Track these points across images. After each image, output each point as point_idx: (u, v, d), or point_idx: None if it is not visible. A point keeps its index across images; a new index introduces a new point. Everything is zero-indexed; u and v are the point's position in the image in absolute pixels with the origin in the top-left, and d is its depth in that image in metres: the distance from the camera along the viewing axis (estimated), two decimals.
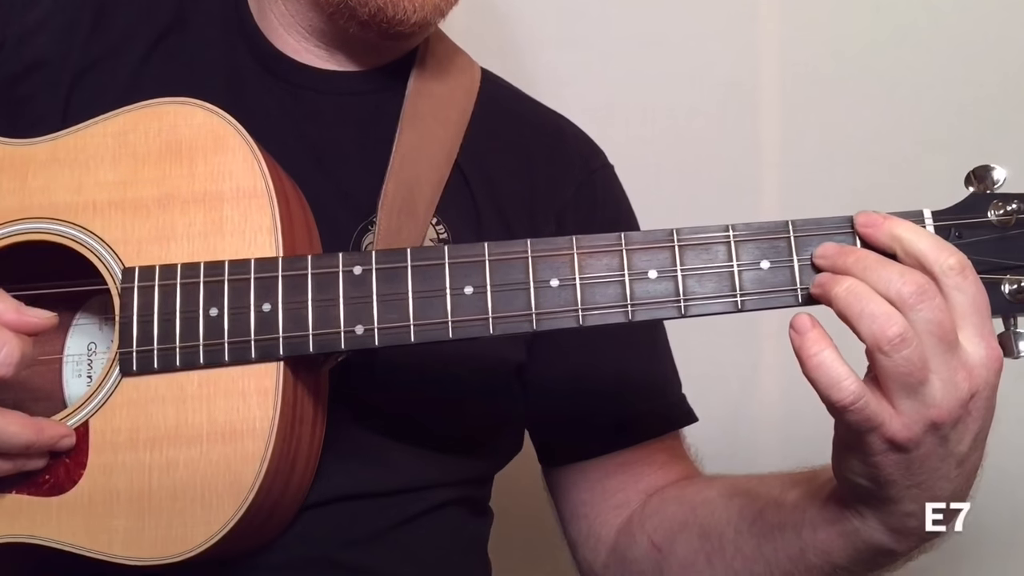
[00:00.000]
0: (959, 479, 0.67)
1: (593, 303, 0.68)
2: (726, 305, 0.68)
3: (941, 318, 0.61)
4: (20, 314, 0.68)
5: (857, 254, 0.64)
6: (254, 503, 0.68)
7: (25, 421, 0.68)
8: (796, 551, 0.74)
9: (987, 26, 1.27)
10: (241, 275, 0.71)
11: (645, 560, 0.87)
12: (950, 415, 0.62)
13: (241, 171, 0.73)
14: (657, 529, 0.87)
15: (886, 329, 0.61)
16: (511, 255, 0.70)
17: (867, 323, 0.61)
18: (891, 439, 0.62)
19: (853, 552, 0.71)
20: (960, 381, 0.62)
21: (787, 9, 1.31)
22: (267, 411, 0.69)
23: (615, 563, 0.91)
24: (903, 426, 0.62)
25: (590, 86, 1.26)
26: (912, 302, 0.61)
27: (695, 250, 0.68)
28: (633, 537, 0.89)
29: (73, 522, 0.69)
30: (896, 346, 0.60)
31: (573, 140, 0.98)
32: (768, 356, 1.29)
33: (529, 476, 0.98)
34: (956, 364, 0.62)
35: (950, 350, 0.62)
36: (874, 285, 0.62)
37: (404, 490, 0.84)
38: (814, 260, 0.67)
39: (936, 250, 0.63)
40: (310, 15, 0.88)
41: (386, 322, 0.69)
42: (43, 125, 0.82)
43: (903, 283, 0.61)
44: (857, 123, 1.29)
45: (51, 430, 0.69)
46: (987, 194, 0.69)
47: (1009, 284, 0.66)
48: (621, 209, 0.98)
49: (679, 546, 0.84)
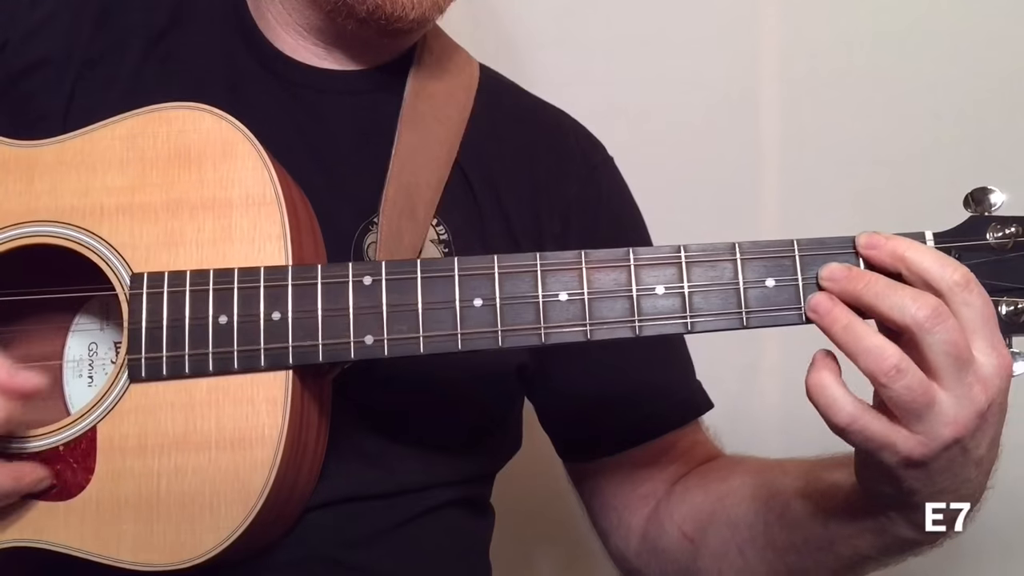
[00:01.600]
0: (978, 477, 0.69)
1: (601, 317, 0.69)
2: (731, 322, 0.69)
3: (956, 338, 0.63)
4: (11, 377, 0.66)
5: (866, 279, 0.66)
6: (262, 510, 0.69)
7: (4, 470, 0.68)
8: (825, 543, 0.77)
9: (988, 29, 1.28)
10: (251, 283, 0.71)
11: (678, 550, 0.90)
12: (967, 428, 0.64)
13: (251, 178, 0.73)
14: (687, 520, 0.89)
15: (880, 363, 0.63)
16: (520, 268, 0.70)
17: (863, 358, 0.63)
18: (907, 458, 0.64)
19: (881, 546, 0.74)
20: (976, 395, 0.64)
21: (787, 10, 1.31)
22: (276, 419, 0.70)
23: (647, 551, 0.93)
24: (919, 443, 0.64)
25: (590, 86, 1.27)
26: (928, 326, 0.62)
27: (702, 267, 0.69)
28: (663, 527, 0.91)
29: (81, 527, 0.69)
30: (893, 378, 0.62)
31: (573, 135, 0.98)
32: (768, 356, 1.30)
33: (529, 475, 1.00)
34: (972, 380, 0.64)
35: (965, 367, 0.63)
36: (888, 312, 0.64)
37: (405, 491, 0.85)
38: (820, 282, 0.68)
39: (940, 267, 0.65)
40: (308, 13, 0.88)
41: (395, 333, 0.70)
42: (45, 123, 0.82)
43: (917, 308, 0.63)
44: (857, 124, 1.30)
45: (29, 477, 0.69)
46: (985, 216, 0.70)
47: (1007, 306, 0.68)
48: (625, 204, 0.99)
49: (711, 537, 0.87)
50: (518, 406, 0.94)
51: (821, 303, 0.66)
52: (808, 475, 0.81)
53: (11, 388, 0.66)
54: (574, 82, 1.21)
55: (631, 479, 0.94)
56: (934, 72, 1.28)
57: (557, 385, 0.92)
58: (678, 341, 0.96)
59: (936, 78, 1.28)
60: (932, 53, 1.29)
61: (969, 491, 0.69)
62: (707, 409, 0.96)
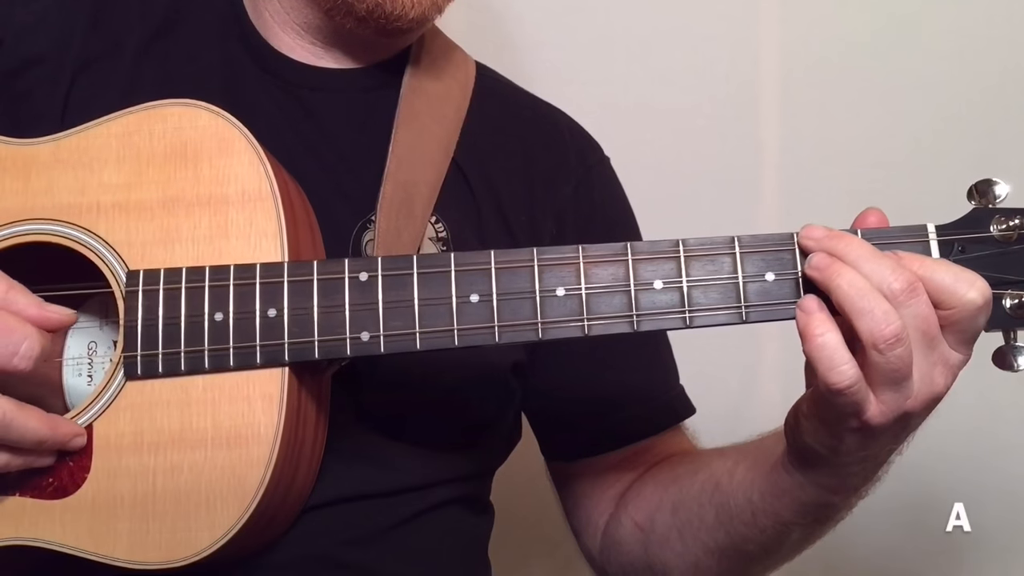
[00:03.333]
0: (893, 454, 0.73)
1: (598, 312, 0.69)
2: (730, 316, 0.68)
3: (927, 313, 0.64)
4: (42, 310, 0.68)
5: (847, 240, 0.66)
6: (258, 508, 0.69)
7: (42, 416, 0.68)
8: (748, 516, 0.79)
9: (988, 27, 1.28)
10: (247, 280, 0.71)
11: (631, 540, 0.91)
12: (921, 406, 0.66)
13: (247, 175, 0.73)
14: (639, 510, 0.90)
15: (883, 328, 0.62)
16: (517, 263, 0.70)
17: (866, 320, 0.63)
18: (866, 422, 0.65)
19: (799, 508, 0.76)
20: (936, 378, 0.65)
21: (787, 9, 1.31)
22: (272, 417, 0.69)
23: (607, 546, 0.94)
24: (879, 413, 0.65)
25: (590, 86, 1.27)
26: (903, 299, 0.63)
27: (700, 261, 0.69)
28: (619, 520, 0.92)
29: (77, 525, 0.69)
30: (891, 345, 0.62)
31: (569, 133, 0.98)
32: (768, 356, 1.30)
33: (528, 475, 0.99)
34: (936, 359, 0.65)
35: (932, 345, 0.64)
36: (868, 276, 0.64)
37: (405, 489, 0.84)
38: (800, 241, 0.68)
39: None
40: (306, 11, 0.88)
41: (392, 329, 0.70)
42: (42, 122, 0.82)
43: (895, 279, 0.63)
44: (857, 123, 1.30)
45: (64, 427, 0.69)
46: (989, 208, 0.69)
47: (1010, 299, 0.67)
48: (619, 206, 0.98)
49: (657, 523, 0.88)
50: (515, 402, 0.93)
51: (822, 258, 0.66)
52: (740, 451, 0.83)
53: (44, 320, 0.68)
54: (574, 82, 1.21)
55: (604, 481, 0.95)
56: (934, 69, 1.28)
57: (539, 384, 0.92)
58: (664, 345, 0.96)
59: (936, 75, 1.28)
60: (932, 50, 1.29)
61: (883, 460, 0.73)
62: (687, 415, 0.96)
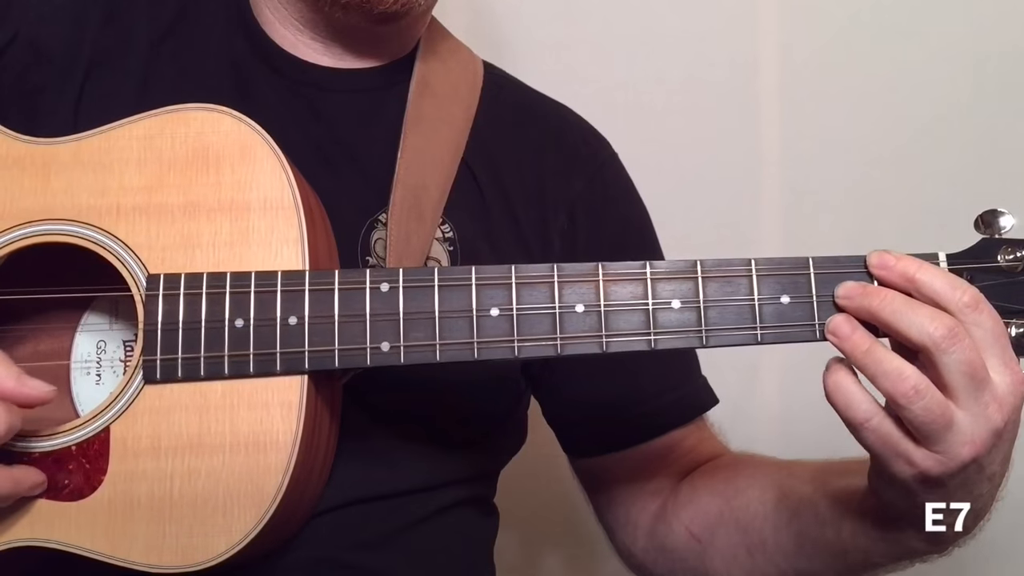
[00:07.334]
0: (990, 491, 0.71)
1: (617, 329, 0.70)
2: (746, 337, 0.70)
3: (972, 357, 0.64)
4: (19, 384, 0.65)
5: (882, 296, 0.67)
6: (275, 514, 0.69)
7: (3, 474, 0.68)
8: (839, 550, 0.78)
9: (989, 25, 1.29)
10: (268, 287, 0.71)
11: (685, 549, 0.91)
12: (984, 447, 0.65)
13: (269, 182, 0.73)
14: (694, 520, 0.90)
15: (899, 384, 0.64)
16: (537, 278, 0.71)
17: (883, 380, 0.65)
18: (924, 474, 0.66)
19: (894, 555, 0.76)
20: (992, 414, 0.65)
21: (787, 9, 1.32)
22: (291, 424, 0.70)
23: (654, 549, 0.94)
24: (937, 462, 0.65)
25: (590, 85, 1.27)
26: (944, 346, 0.64)
27: (718, 282, 0.70)
28: (670, 526, 0.92)
29: (93, 528, 0.69)
30: (912, 399, 0.63)
31: (578, 130, 0.99)
32: (768, 356, 1.31)
33: (530, 476, 1.00)
34: (988, 399, 0.65)
35: (981, 386, 0.64)
36: (905, 330, 0.65)
37: (413, 491, 0.85)
38: (836, 300, 0.68)
39: (951, 288, 0.66)
40: (299, 5, 0.88)
41: (412, 340, 0.70)
42: (56, 118, 0.82)
43: (934, 327, 0.64)
44: (857, 122, 1.31)
45: (27, 480, 0.69)
46: (996, 239, 0.71)
47: (1016, 328, 0.69)
48: (632, 202, 0.99)
49: (719, 539, 0.88)
50: (524, 403, 0.94)
51: (841, 327, 0.67)
52: (816, 480, 0.82)
53: (20, 397, 0.65)
54: (574, 81, 1.21)
55: (638, 476, 0.95)
56: (934, 68, 1.29)
57: (561, 382, 0.93)
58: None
59: (936, 74, 1.29)
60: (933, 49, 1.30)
61: (980, 505, 0.71)
62: (712, 405, 0.97)
